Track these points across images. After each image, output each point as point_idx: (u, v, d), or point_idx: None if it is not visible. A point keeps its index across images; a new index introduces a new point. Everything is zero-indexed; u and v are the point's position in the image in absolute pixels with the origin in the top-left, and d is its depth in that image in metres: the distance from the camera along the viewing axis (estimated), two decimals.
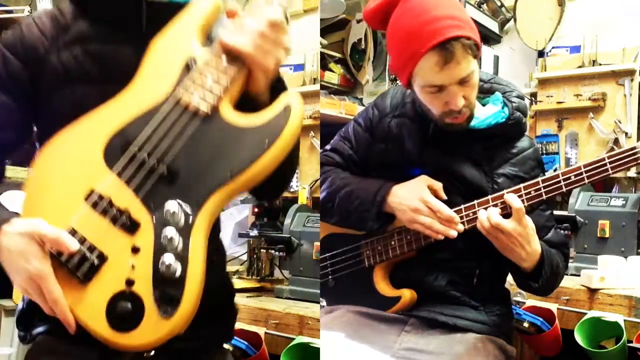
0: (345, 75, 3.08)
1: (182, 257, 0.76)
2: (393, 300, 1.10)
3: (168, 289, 0.75)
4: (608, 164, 1.01)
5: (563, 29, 2.62)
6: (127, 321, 0.75)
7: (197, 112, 0.82)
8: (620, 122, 2.34)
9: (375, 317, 1.11)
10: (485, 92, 1.16)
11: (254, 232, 2.36)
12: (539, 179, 1.05)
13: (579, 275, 1.71)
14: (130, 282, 0.76)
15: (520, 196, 1.03)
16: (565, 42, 2.60)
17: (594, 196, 1.93)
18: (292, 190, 2.60)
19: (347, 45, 3.06)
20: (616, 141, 2.35)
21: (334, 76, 3.01)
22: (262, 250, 2.35)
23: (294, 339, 1.74)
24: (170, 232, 0.76)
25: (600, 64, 2.42)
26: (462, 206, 1.07)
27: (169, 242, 0.76)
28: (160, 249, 0.76)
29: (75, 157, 0.83)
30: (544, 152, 2.42)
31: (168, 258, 0.75)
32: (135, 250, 0.77)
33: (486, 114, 1.11)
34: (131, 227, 0.78)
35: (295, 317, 1.85)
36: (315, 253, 2.07)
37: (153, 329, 0.74)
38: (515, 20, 2.73)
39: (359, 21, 3.02)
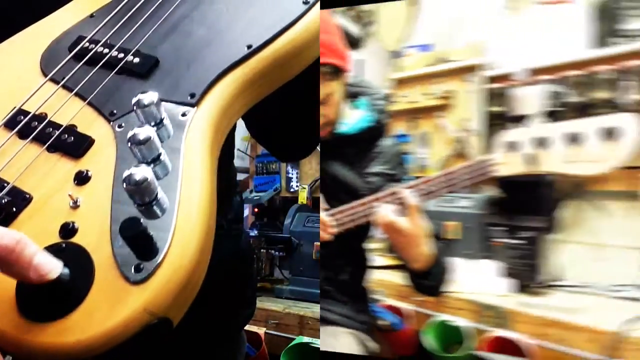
0: None
1: (168, 171, 0.46)
2: None
3: (139, 229, 0.40)
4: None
5: (416, 28, 2.64)
6: (56, 300, 0.39)
7: None
8: (467, 120, 2.37)
9: None
10: (353, 96, 1.22)
11: (254, 232, 2.37)
12: (422, 178, 1.09)
13: None
14: (68, 229, 0.43)
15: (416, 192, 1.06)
16: (418, 41, 2.63)
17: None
18: (292, 190, 2.61)
19: None
20: (464, 139, 2.37)
21: None
22: (262, 250, 2.36)
23: (294, 339, 1.75)
24: (144, 133, 0.46)
25: (448, 61, 2.45)
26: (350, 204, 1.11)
27: (140, 150, 0.46)
28: (124, 162, 0.47)
29: (4, 74, 0.58)
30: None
31: (140, 174, 0.43)
32: (81, 178, 0.47)
33: (355, 119, 1.17)
34: (75, 146, 0.49)
35: (295, 317, 1.86)
36: (315, 253, 2.08)
37: (110, 307, 0.39)
38: (375, 23, 2.75)
39: None
